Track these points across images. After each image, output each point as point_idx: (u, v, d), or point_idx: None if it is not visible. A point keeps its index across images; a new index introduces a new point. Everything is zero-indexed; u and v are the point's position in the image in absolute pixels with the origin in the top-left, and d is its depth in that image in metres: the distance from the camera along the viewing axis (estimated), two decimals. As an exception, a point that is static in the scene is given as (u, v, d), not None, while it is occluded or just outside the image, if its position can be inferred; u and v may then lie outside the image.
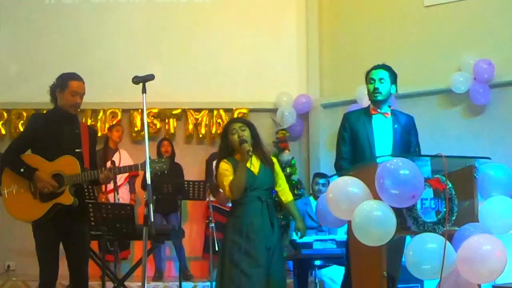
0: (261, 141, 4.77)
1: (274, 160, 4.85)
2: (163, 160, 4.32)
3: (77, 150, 4.36)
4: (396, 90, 4.58)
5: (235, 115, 8.21)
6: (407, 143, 4.46)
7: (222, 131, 4.96)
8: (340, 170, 4.41)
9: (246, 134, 4.63)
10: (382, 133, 4.45)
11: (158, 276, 7.50)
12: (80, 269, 4.43)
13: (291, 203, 4.85)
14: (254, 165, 4.63)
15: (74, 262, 4.41)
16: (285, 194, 4.83)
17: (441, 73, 7.43)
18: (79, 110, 6.87)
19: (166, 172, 5.29)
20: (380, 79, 4.46)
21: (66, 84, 4.35)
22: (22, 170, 4.29)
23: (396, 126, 4.46)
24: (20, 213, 4.35)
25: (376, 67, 4.54)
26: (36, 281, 6.83)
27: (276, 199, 4.90)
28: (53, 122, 4.38)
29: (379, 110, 4.49)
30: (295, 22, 8.62)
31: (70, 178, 4.29)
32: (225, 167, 4.59)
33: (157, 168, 4.26)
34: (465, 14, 7.45)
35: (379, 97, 4.45)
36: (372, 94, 4.48)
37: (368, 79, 4.52)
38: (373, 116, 4.49)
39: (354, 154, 4.47)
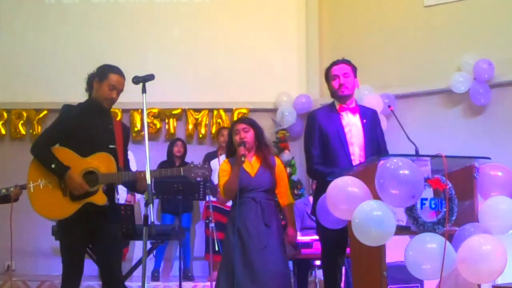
0: (265, 142, 4.78)
1: (279, 161, 4.85)
2: (206, 166, 4.13)
3: (111, 146, 4.07)
4: (358, 86, 4.51)
5: (235, 115, 8.22)
6: (375, 138, 4.40)
7: (229, 130, 5.02)
8: (318, 174, 4.35)
9: (249, 136, 4.66)
10: (353, 130, 4.35)
11: (156, 276, 7.50)
12: (112, 271, 4.12)
13: (287, 207, 4.86)
14: (253, 166, 4.66)
15: (106, 264, 4.11)
16: (283, 197, 4.84)
17: (441, 73, 7.43)
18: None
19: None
20: (344, 74, 4.38)
21: (106, 75, 4.11)
22: (53, 166, 3.97)
23: (365, 121, 4.38)
24: (46, 210, 4.04)
25: (337, 62, 4.45)
26: (36, 281, 6.89)
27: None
28: (86, 115, 4.10)
29: (345, 106, 4.40)
30: (295, 22, 8.61)
31: (105, 177, 4.00)
32: (224, 167, 4.70)
33: (199, 174, 4.09)
34: (465, 14, 7.45)
35: (346, 92, 4.36)
36: (338, 90, 4.36)
37: (331, 76, 4.41)
38: (341, 113, 4.40)
39: (325, 154, 4.35)
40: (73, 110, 4.19)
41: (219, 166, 4.76)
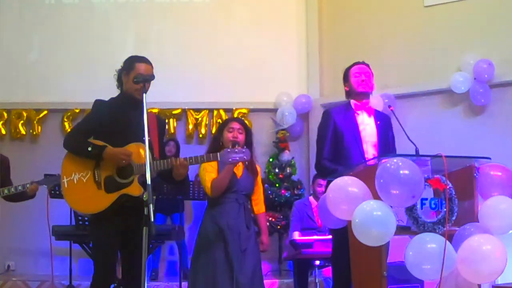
0: (253, 149, 4.73)
1: (258, 169, 4.86)
2: (243, 150, 3.97)
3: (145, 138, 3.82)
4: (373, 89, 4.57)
5: (235, 115, 8.21)
6: (386, 141, 4.44)
7: (220, 124, 4.96)
8: (324, 170, 4.36)
9: (241, 138, 4.64)
10: (367, 128, 4.39)
11: (154, 275, 7.50)
12: (136, 272, 3.83)
13: (262, 215, 4.86)
14: (239, 168, 4.64)
15: (131, 264, 3.94)
16: (259, 204, 4.85)
17: (441, 73, 7.44)
18: (77, 111, 6.77)
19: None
20: (365, 73, 4.46)
21: (133, 66, 4.02)
22: (89, 149, 3.86)
23: (378, 122, 4.43)
24: (81, 205, 3.97)
25: (359, 63, 4.52)
26: (36, 281, 6.89)
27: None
28: (118, 109, 4.00)
29: (361, 106, 4.44)
30: (295, 22, 8.61)
31: (140, 167, 3.83)
32: (210, 163, 4.54)
33: (237, 158, 3.94)
34: (465, 14, 7.45)
35: (367, 88, 4.43)
36: (359, 86, 4.42)
37: (351, 74, 4.46)
38: (357, 111, 4.44)
39: (338, 152, 4.37)
40: (104, 103, 4.08)
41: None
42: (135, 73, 3.97)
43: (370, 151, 4.33)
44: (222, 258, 4.46)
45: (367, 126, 4.41)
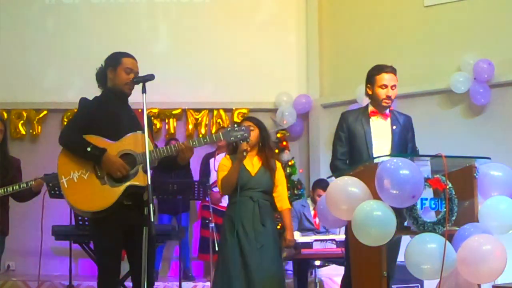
0: (269, 144, 4.81)
1: (279, 165, 4.88)
2: (243, 128, 4.04)
3: (139, 132, 3.84)
4: None
5: (235, 115, 8.24)
6: (405, 144, 4.44)
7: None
8: (336, 171, 4.38)
9: (252, 134, 4.66)
10: (380, 134, 4.40)
11: (154, 276, 7.48)
12: (137, 272, 3.76)
13: (285, 211, 4.89)
14: (254, 165, 4.68)
15: (138, 265, 3.74)
16: (281, 201, 4.87)
17: (441, 73, 7.44)
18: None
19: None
20: (392, 86, 4.38)
21: (119, 61, 3.99)
22: (88, 149, 3.74)
23: (395, 127, 4.43)
24: (86, 203, 3.78)
25: (388, 71, 4.40)
26: (36, 281, 6.88)
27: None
28: (107, 105, 3.93)
29: (379, 112, 4.46)
30: (295, 22, 8.62)
31: (144, 156, 3.72)
32: (225, 162, 4.73)
33: (239, 136, 4.00)
34: (465, 14, 7.46)
35: (390, 104, 4.42)
36: (383, 100, 4.36)
37: (379, 83, 4.37)
38: (372, 117, 4.45)
39: (351, 154, 4.43)
40: (91, 100, 3.99)
41: (220, 161, 4.76)
42: (123, 68, 3.97)
43: (380, 155, 4.32)
44: (238, 259, 4.50)
45: (380, 130, 4.41)
